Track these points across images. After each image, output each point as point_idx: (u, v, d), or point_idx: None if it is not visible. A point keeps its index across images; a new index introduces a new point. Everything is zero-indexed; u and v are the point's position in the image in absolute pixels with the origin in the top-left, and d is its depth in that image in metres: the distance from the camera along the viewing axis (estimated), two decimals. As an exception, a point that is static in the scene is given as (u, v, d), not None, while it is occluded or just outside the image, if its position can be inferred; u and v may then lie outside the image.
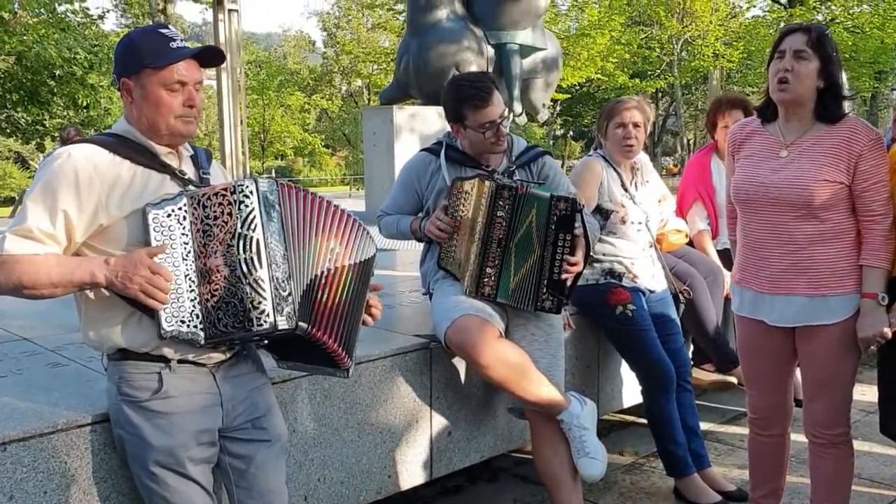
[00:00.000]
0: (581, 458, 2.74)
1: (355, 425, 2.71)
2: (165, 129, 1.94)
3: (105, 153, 1.89)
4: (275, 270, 1.86)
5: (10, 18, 18.86)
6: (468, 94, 2.84)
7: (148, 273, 1.80)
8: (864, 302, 2.44)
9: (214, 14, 12.91)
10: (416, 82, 9.62)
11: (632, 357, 3.35)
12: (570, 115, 34.98)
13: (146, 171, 1.93)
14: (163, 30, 1.97)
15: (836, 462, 2.60)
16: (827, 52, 2.41)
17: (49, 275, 1.80)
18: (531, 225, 2.73)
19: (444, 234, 2.83)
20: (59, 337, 3.04)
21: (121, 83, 1.94)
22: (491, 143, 2.87)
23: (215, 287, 1.86)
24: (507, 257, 2.77)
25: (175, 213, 1.87)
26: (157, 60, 1.90)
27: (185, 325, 1.87)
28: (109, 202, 1.86)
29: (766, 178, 2.51)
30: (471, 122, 2.85)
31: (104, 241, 1.89)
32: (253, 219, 1.85)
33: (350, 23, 39.55)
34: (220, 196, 1.86)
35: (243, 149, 10.99)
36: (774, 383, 2.71)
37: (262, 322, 1.84)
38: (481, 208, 2.78)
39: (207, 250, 1.86)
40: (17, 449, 1.97)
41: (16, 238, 1.81)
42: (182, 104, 1.93)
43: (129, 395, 1.93)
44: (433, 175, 3.01)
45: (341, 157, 47.27)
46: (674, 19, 26.17)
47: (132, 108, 1.95)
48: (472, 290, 2.79)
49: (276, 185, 1.93)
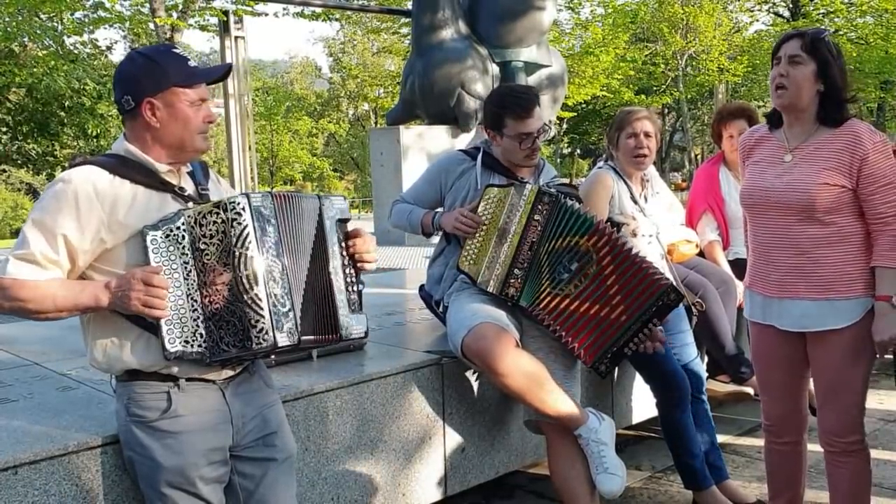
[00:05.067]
0: (599, 474, 2.70)
1: (368, 442, 2.69)
2: (190, 146, 1.96)
3: (104, 174, 1.89)
4: (273, 287, 1.85)
5: (20, 51, 19.11)
6: (511, 102, 2.95)
7: (142, 285, 1.79)
8: (879, 305, 2.40)
9: (221, 41, 13.04)
10: (422, 102, 9.66)
11: (646, 370, 3.32)
12: (577, 132, 35.02)
13: (147, 190, 1.92)
14: (175, 49, 2.00)
15: (852, 471, 2.56)
16: (823, 55, 2.40)
17: (54, 300, 1.80)
18: (577, 247, 2.70)
19: (466, 229, 2.84)
20: (68, 361, 3.04)
21: (142, 102, 1.91)
22: (525, 154, 2.96)
23: (216, 306, 1.85)
24: (535, 262, 2.76)
25: (173, 233, 1.87)
26: (185, 79, 1.93)
27: (189, 346, 1.86)
28: (112, 223, 1.86)
29: (769, 182, 2.52)
30: (510, 130, 2.94)
31: (108, 262, 1.88)
32: (246, 236, 1.84)
33: (356, 48, 39.82)
34: (213, 214, 1.86)
35: (252, 174, 11.06)
36: (787, 390, 2.68)
37: (262, 341, 1.83)
38: (517, 212, 2.78)
39: (207, 269, 1.85)
40: (28, 472, 1.96)
41: (18, 262, 1.81)
42: (203, 121, 1.97)
43: (138, 416, 1.92)
44: (462, 175, 3.07)
45: (350, 181, 47.44)
46: (677, 35, 26.22)
47: (149, 127, 1.93)
48: (498, 289, 2.77)
49: (269, 199, 1.91)
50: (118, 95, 1.96)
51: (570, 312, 2.71)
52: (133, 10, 18.33)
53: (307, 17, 17.46)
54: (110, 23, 18.16)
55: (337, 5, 15.77)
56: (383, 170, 9.74)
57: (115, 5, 17.57)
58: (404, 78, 10.11)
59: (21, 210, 32.70)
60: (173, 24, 16.37)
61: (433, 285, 3.19)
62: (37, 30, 17.70)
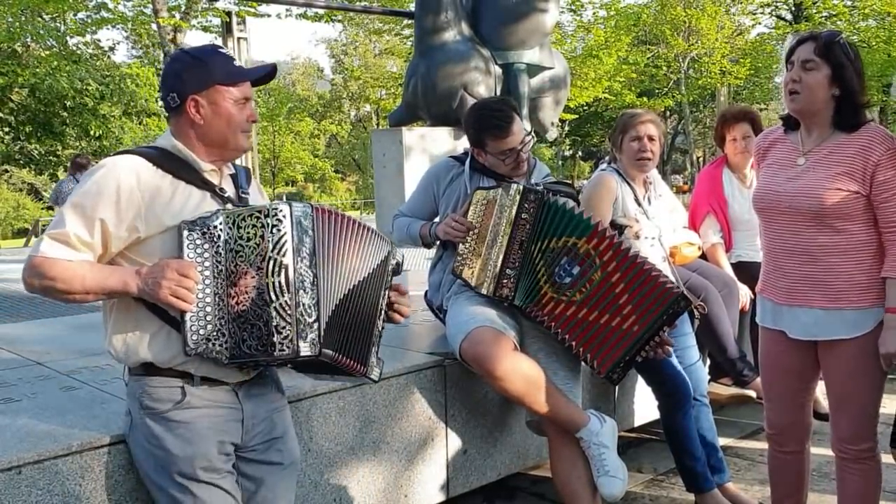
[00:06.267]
0: (601, 477, 2.70)
1: (371, 444, 2.69)
2: (233, 144, 1.99)
3: (149, 165, 1.91)
4: (302, 296, 1.86)
5: (23, 52, 19.15)
6: (488, 124, 2.92)
7: (175, 275, 1.81)
8: (888, 317, 2.35)
9: (224, 43, 13.07)
10: (425, 104, 9.65)
11: (648, 373, 3.31)
12: (579, 135, 35.03)
13: (187, 186, 1.94)
14: (221, 49, 2.04)
15: (863, 478, 2.54)
16: (838, 59, 2.35)
17: (83, 281, 1.81)
18: (572, 245, 2.68)
19: (456, 234, 2.84)
20: (72, 361, 3.04)
21: (186, 99, 1.93)
22: (510, 168, 2.95)
23: (242, 308, 1.85)
24: (527, 261, 2.74)
25: (210, 231, 1.87)
26: (229, 77, 1.95)
27: (210, 343, 1.87)
28: (148, 215, 1.87)
29: (780, 186, 2.48)
30: (491, 148, 2.94)
31: (140, 253, 1.90)
32: (284, 243, 1.85)
33: (358, 49, 39.86)
34: (253, 217, 1.86)
35: (255, 175, 11.07)
36: (792, 400, 2.66)
37: (285, 348, 1.84)
38: (505, 212, 2.78)
39: (238, 271, 1.86)
40: (31, 471, 1.97)
41: (52, 242, 1.82)
42: (246, 119, 2.00)
43: (151, 408, 1.93)
44: (453, 180, 3.07)
45: (351, 182, 47.43)
46: (680, 38, 26.24)
47: (193, 124, 1.95)
48: (491, 291, 2.76)
49: (310, 210, 1.92)
50: (164, 93, 1.98)
51: (579, 321, 2.67)
52: (136, 10, 18.38)
53: (310, 18, 17.50)
54: (113, 23, 18.24)
55: (340, 7, 15.77)
56: (385, 171, 9.73)
57: (118, 6, 17.63)
58: (406, 80, 10.10)
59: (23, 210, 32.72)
60: (176, 25, 16.39)
61: (433, 292, 3.20)
62: (40, 30, 17.77)
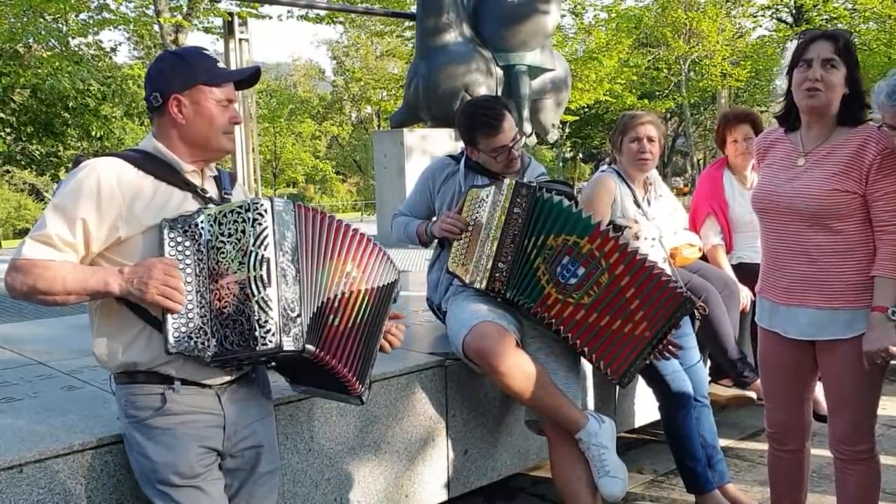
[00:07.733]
0: (602, 478, 2.70)
1: (371, 443, 2.69)
2: (215, 144, 1.99)
3: (129, 167, 1.91)
4: (284, 291, 1.85)
5: (25, 52, 19.16)
6: (480, 122, 2.94)
7: (163, 275, 1.81)
8: (873, 315, 2.35)
9: (226, 44, 13.07)
10: (426, 105, 9.67)
11: (648, 374, 3.31)
12: (580, 136, 34.99)
13: (169, 187, 1.94)
14: (205, 51, 2.03)
15: (861, 479, 2.54)
16: (854, 59, 2.40)
17: (64, 282, 1.81)
18: (572, 244, 2.68)
19: (451, 232, 2.85)
20: (73, 361, 3.05)
21: (168, 98, 1.93)
22: (503, 165, 2.98)
23: (224, 304, 1.85)
24: (520, 255, 2.73)
25: (191, 229, 1.88)
26: (212, 77, 1.96)
27: (191, 341, 1.86)
28: (129, 215, 1.87)
29: (779, 187, 2.49)
30: (483, 146, 2.97)
31: (119, 253, 1.89)
32: (265, 237, 1.84)
33: (359, 51, 39.84)
34: (235, 213, 1.86)
35: (255, 176, 11.08)
36: (792, 398, 2.66)
37: (267, 342, 1.83)
38: (497, 208, 2.78)
39: (220, 267, 1.85)
40: (33, 470, 1.97)
41: (35, 244, 1.82)
42: (228, 121, 2.00)
43: (134, 416, 1.93)
44: (448, 178, 3.09)
45: (352, 184, 47.43)
46: (680, 40, 26.21)
47: (175, 124, 1.95)
48: (484, 285, 2.76)
49: (292, 206, 1.93)
50: (147, 93, 1.98)
51: (590, 326, 2.66)
52: (137, 11, 18.39)
53: (311, 19, 17.53)
54: (115, 24, 18.25)
55: (341, 8, 15.79)
56: (386, 172, 9.75)
57: (120, 7, 17.65)
58: (408, 81, 10.12)
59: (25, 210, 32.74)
60: (178, 25, 16.39)
61: (432, 291, 3.21)
62: (41, 31, 17.78)
